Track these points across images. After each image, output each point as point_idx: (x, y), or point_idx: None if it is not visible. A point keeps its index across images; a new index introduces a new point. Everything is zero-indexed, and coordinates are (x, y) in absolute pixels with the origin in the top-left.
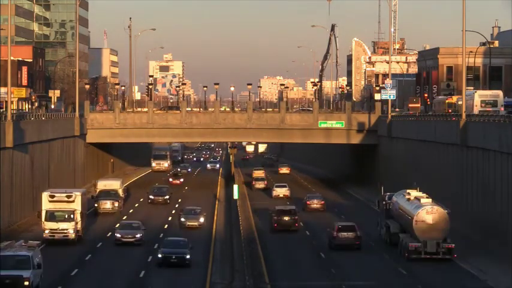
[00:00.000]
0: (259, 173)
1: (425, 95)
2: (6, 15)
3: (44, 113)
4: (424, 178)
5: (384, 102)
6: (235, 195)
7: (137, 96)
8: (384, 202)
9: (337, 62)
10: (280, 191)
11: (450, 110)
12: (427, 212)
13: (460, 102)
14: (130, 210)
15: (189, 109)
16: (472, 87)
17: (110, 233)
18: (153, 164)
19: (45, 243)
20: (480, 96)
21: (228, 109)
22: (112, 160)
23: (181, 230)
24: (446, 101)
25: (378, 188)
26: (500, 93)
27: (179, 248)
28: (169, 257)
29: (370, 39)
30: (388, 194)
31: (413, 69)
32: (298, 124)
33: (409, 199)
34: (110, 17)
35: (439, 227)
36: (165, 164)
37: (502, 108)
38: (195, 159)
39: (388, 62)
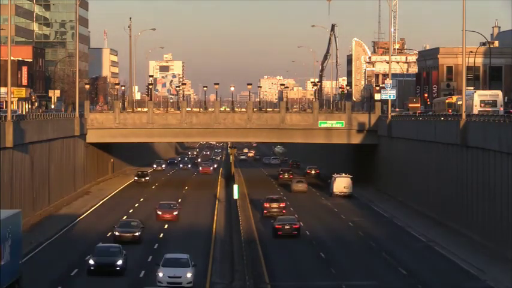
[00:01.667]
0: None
1: (425, 95)
2: (6, 15)
3: (44, 112)
4: (424, 178)
5: (384, 102)
6: (235, 195)
7: (137, 96)
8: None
9: (337, 62)
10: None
11: (450, 110)
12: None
13: (459, 102)
14: (131, 210)
15: (189, 109)
16: (472, 87)
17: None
18: None
19: None
20: (480, 96)
21: (228, 109)
22: (112, 160)
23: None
24: (446, 101)
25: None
26: (499, 93)
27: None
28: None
29: (370, 39)
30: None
31: (413, 69)
32: (298, 124)
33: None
34: (110, 17)
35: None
36: None
37: (502, 108)
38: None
39: (388, 62)
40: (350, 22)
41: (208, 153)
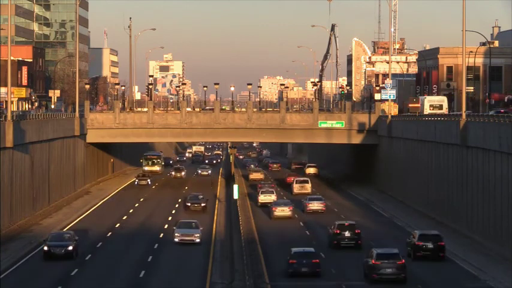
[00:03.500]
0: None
1: (425, 95)
2: (6, 15)
3: (44, 112)
4: (424, 178)
5: (384, 102)
6: (235, 195)
7: (137, 96)
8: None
9: (337, 61)
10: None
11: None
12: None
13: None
14: (131, 210)
15: (189, 109)
16: (472, 87)
17: None
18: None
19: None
20: (429, 101)
21: (227, 109)
22: (112, 160)
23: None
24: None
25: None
26: (444, 98)
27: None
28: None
29: (370, 39)
30: None
31: (414, 69)
32: (299, 124)
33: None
34: (110, 17)
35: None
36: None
37: (446, 111)
38: None
39: (388, 62)
40: (350, 22)
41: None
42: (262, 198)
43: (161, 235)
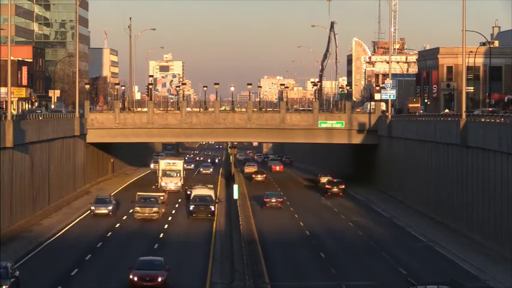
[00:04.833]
0: None
1: (426, 95)
2: (6, 15)
3: (44, 112)
4: (424, 178)
5: (384, 102)
6: (235, 195)
7: (137, 96)
8: None
9: (336, 59)
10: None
11: None
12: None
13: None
14: (130, 210)
15: (189, 109)
16: (472, 87)
17: None
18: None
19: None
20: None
21: (227, 109)
22: (112, 160)
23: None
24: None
25: None
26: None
27: None
28: None
29: (370, 39)
30: None
31: (414, 69)
32: (299, 124)
33: None
34: (110, 17)
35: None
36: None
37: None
38: None
39: (388, 62)
40: (350, 22)
41: None
42: None
43: (161, 235)
